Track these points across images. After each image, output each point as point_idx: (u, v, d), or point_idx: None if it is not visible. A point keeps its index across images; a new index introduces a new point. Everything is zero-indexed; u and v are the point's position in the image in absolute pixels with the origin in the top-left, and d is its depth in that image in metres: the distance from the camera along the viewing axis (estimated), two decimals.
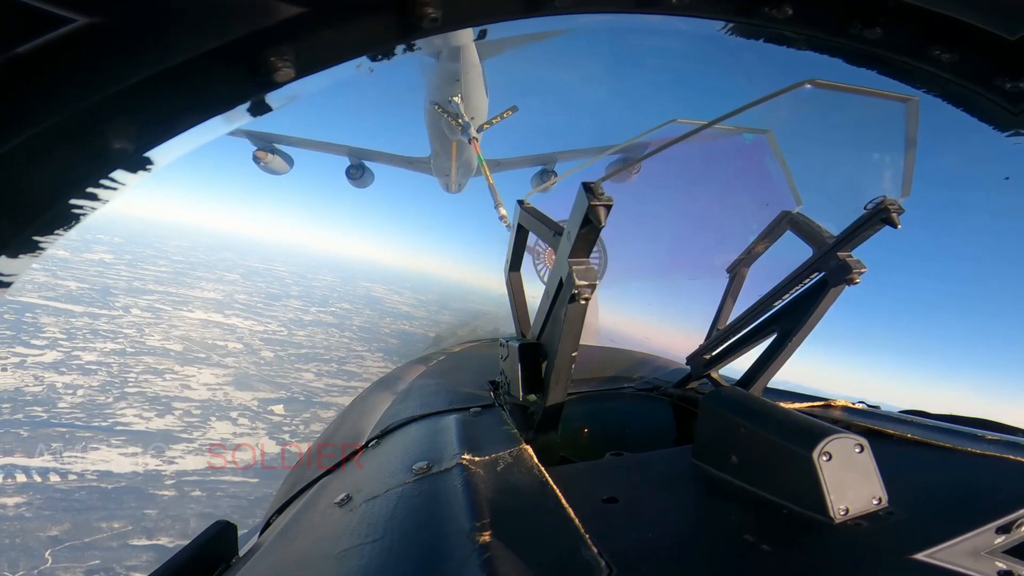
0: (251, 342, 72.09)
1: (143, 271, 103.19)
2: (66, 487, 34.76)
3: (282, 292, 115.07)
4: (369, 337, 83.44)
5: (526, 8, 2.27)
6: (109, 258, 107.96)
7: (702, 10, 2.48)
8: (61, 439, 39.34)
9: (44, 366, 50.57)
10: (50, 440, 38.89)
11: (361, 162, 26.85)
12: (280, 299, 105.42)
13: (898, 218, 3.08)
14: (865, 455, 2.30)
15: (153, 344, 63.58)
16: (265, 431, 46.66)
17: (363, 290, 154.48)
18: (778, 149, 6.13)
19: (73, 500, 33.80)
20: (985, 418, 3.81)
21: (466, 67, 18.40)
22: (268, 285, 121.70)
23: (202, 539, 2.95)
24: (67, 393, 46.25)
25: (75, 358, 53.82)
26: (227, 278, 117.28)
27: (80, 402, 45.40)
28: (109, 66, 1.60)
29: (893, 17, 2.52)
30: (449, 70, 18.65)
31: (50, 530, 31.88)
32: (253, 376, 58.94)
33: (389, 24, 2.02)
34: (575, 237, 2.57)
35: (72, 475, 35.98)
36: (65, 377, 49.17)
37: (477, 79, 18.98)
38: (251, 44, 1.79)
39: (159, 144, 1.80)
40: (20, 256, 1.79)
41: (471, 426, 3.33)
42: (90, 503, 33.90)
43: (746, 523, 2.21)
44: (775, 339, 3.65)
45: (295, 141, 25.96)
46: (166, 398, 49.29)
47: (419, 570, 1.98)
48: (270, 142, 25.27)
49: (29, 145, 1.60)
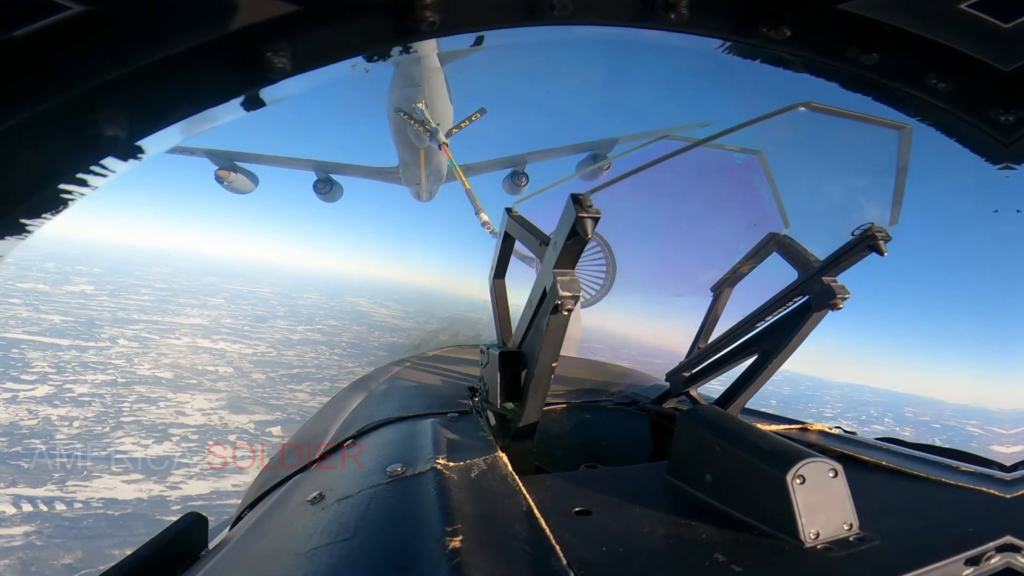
0: (241, 365, 71.44)
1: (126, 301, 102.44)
2: (73, 515, 34.21)
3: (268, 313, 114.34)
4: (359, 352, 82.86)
5: (524, 17, 2.27)
6: (90, 289, 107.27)
7: (700, 27, 2.49)
8: (63, 469, 38.70)
9: (37, 400, 50.03)
10: (52, 471, 38.40)
11: (328, 176, 26.40)
12: (266, 320, 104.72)
13: (885, 245, 3.08)
14: (839, 480, 2.30)
15: (144, 373, 62.96)
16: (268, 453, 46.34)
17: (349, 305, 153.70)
18: (769, 170, 6.15)
19: (82, 528, 33.23)
20: (960, 449, 3.82)
21: (427, 72, 18.22)
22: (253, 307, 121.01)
23: (172, 531, 2.94)
24: (63, 425, 45.72)
25: (67, 391, 53.23)
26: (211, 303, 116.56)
27: (77, 433, 44.86)
28: (104, 54, 1.60)
29: (890, 43, 2.53)
30: (410, 76, 18.40)
31: (63, 558, 31.32)
32: (247, 399, 58.38)
33: (387, 25, 2.02)
34: (561, 248, 2.56)
35: (78, 503, 35.37)
36: (59, 410, 48.62)
37: (440, 83, 18.77)
38: (248, 38, 1.79)
39: (151, 133, 1.80)
40: (6, 238, 1.78)
41: (447, 431, 3.32)
42: (99, 530, 33.34)
43: (717, 542, 2.21)
44: (756, 360, 3.66)
45: (257, 158, 25.47)
46: (162, 425, 48.79)
47: (389, 571, 1.97)
48: (231, 160, 24.72)
49: (21, 128, 1.59)
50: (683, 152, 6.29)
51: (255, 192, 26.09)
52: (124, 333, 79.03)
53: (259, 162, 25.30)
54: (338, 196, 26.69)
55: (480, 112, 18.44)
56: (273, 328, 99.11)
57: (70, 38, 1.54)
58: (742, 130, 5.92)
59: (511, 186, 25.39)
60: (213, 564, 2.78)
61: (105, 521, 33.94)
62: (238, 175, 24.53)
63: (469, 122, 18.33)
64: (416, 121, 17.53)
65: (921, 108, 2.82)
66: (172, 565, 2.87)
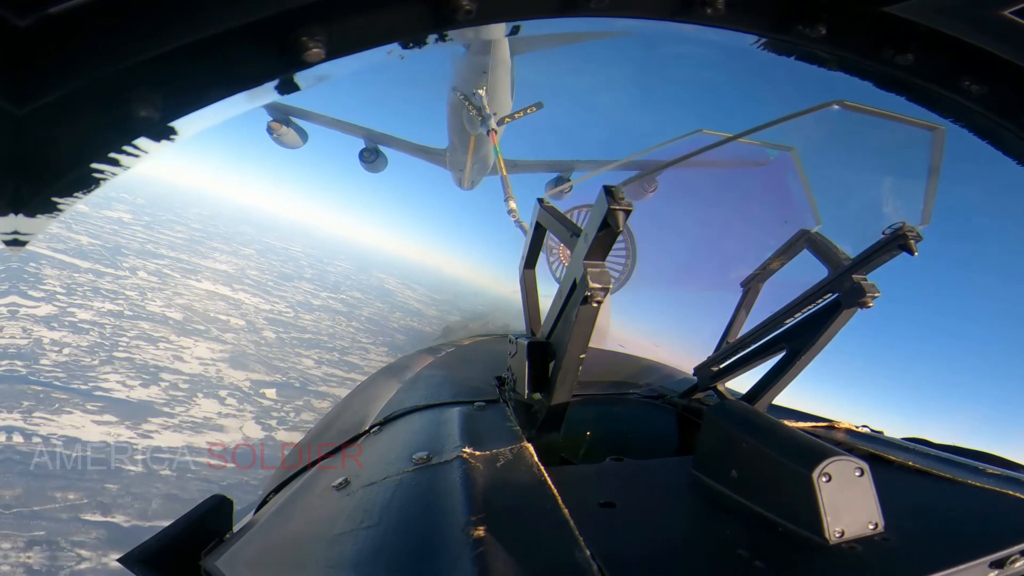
0: (255, 320, 70.91)
1: (159, 235, 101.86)
2: (27, 449, 33.45)
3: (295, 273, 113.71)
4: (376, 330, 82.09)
5: (561, 7, 2.27)
6: (128, 218, 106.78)
7: (736, 23, 2.47)
8: (35, 398, 38.02)
9: (36, 319, 49.32)
10: (22, 398, 37.78)
11: (376, 146, 26.05)
12: (292, 280, 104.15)
13: (916, 245, 3.05)
14: (865, 479, 2.29)
15: (153, 310, 62.37)
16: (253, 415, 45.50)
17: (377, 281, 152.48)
18: (801, 167, 6.11)
19: (31, 463, 32.86)
20: (987, 451, 3.79)
21: (495, 61, 18.10)
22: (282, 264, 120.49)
23: (197, 512, 2.96)
24: (52, 350, 45.07)
25: (70, 315, 52.62)
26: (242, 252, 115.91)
27: (64, 361, 44.08)
28: (139, 34, 1.61)
29: (926, 45, 2.51)
30: (477, 62, 18.30)
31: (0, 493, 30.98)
32: (251, 356, 57.84)
33: (423, 13, 2.02)
34: (592, 239, 2.56)
35: (37, 438, 34.80)
36: (54, 333, 47.94)
37: (504, 75, 18.67)
38: (283, 22, 1.79)
39: (184, 115, 1.80)
40: (38, 216, 1.80)
41: (474, 420, 3.31)
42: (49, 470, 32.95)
43: (741, 538, 2.21)
44: (784, 356, 3.63)
45: (312, 116, 25.13)
46: (155, 367, 47.99)
47: (412, 559, 1.98)
48: (286, 114, 24.42)
49: (55, 107, 1.60)
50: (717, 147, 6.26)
51: (302, 150, 26.04)
52: (146, 266, 78.42)
53: (312, 120, 25.13)
54: (382, 167, 26.56)
55: (536, 106, 18.04)
56: (296, 289, 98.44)
57: (105, 17, 1.54)
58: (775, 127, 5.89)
59: (554, 190, 24.75)
60: (237, 547, 2.81)
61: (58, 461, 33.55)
62: (289, 129, 24.48)
63: (524, 113, 17.94)
64: (472, 105, 17.29)
65: (955, 110, 2.79)
66: (197, 546, 2.90)
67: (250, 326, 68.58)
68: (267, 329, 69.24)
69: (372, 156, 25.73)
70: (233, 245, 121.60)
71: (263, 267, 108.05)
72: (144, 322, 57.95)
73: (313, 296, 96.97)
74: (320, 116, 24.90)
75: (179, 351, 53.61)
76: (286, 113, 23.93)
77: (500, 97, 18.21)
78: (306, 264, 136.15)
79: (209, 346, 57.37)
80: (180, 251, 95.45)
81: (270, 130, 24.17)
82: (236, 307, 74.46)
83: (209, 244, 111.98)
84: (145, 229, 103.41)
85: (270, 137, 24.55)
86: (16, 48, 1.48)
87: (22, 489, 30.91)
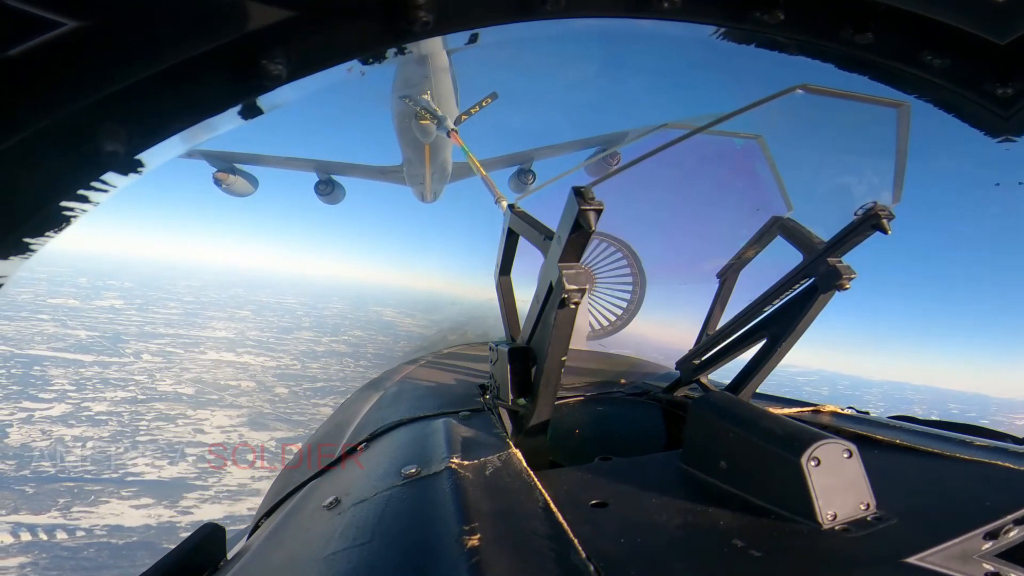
0: (264, 379, 70.42)
1: (154, 315, 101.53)
2: (74, 544, 33.00)
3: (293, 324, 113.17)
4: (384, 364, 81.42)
5: (518, 12, 2.27)
6: (119, 304, 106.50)
7: (693, 14, 2.49)
8: (69, 494, 37.36)
9: (52, 419, 48.89)
10: (57, 496, 37.23)
11: (330, 176, 25.66)
12: (292, 332, 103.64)
13: (889, 224, 3.07)
14: (854, 460, 2.30)
15: (165, 389, 61.96)
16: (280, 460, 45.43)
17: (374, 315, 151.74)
18: (769, 154, 6.15)
19: (81, 558, 31.93)
20: (973, 424, 3.82)
21: (435, 64, 17.87)
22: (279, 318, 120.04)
23: (191, 542, 2.94)
24: (76, 446, 44.53)
25: (84, 409, 52.14)
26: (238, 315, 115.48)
27: (89, 454, 43.58)
28: (99, 69, 1.60)
29: (884, 22, 2.52)
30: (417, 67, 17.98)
31: None
32: (268, 415, 57.32)
33: (381, 28, 2.02)
34: (565, 241, 2.55)
35: (80, 531, 34.07)
36: (74, 430, 47.50)
37: (445, 75, 18.35)
38: (242, 48, 1.79)
39: (150, 146, 1.80)
40: (10, 258, 1.79)
41: (460, 430, 3.31)
42: (100, 561, 32.11)
43: (735, 528, 2.21)
44: (764, 344, 3.64)
45: (256, 159, 24.70)
46: (179, 444, 47.68)
47: (407, 574, 1.98)
48: (229, 162, 23.97)
49: (19, 148, 1.59)
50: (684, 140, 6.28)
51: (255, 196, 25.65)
52: (148, 348, 78.40)
53: (258, 163, 24.78)
54: (340, 198, 26.16)
55: (491, 97, 17.08)
56: (298, 340, 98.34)
57: (65, 55, 1.54)
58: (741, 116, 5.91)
59: (517, 184, 24.76)
60: (233, 575, 2.79)
61: (107, 551, 32.89)
62: (237, 177, 24.06)
63: (479, 107, 16.99)
64: (422, 109, 16.77)
65: (918, 85, 2.82)
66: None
67: (261, 386, 68.30)
68: (278, 386, 68.93)
69: (328, 188, 25.07)
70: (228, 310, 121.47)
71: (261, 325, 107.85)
72: (159, 403, 57.65)
73: (315, 343, 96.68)
74: (266, 157, 24.25)
75: (198, 423, 53.25)
76: (229, 161, 23.38)
77: (445, 98, 17.83)
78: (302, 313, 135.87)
79: (226, 413, 57.03)
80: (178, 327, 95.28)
81: (217, 181, 23.54)
82: (244, 370, 74.16)
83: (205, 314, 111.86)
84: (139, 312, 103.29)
85: (219, 188, 24.07)
86: None
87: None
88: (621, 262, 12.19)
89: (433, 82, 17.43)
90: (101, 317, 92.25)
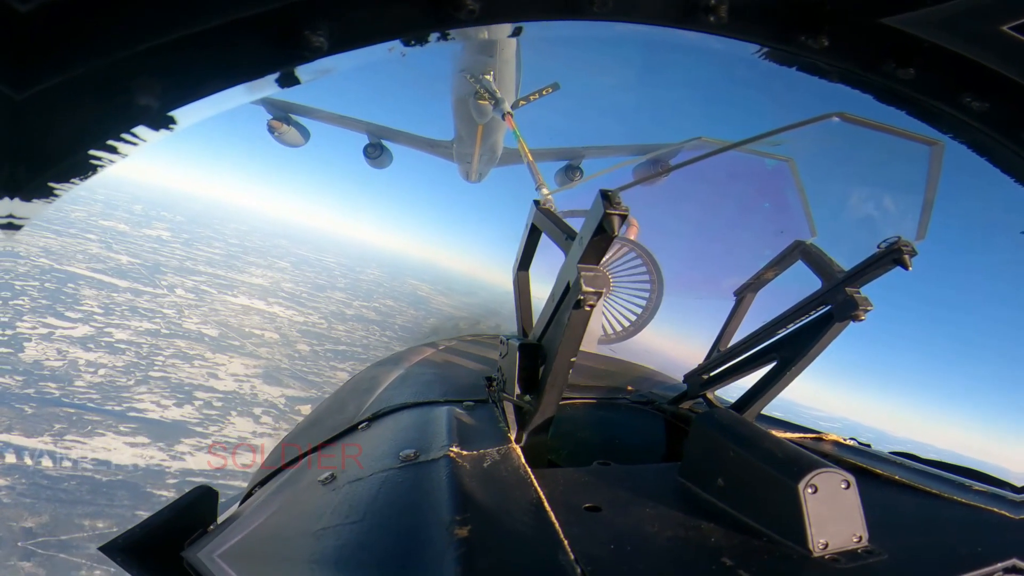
0: (289, 333, 70.59)
1: (197, 251, 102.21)
2: (56, 474, 32.83)
3: (328, 283, 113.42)
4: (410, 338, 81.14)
5: (563, 9, 2.27)
6: (167, 235, 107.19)
7: (739, 32, 2.48)
8: (67, 420, 37.31)
9: (72, 340, 48.94)
10: (54, 420, 37.09)
11: (380, 141, 25.36)
12: (325, 290, 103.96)
13: (910, 260, 3.06)
14: (851, 492, 2.30)
15: (189, 327, 62.15)
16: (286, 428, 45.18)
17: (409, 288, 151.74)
18: (799, 178, 6.14)
19: (59, 489, 31.76)
20: (973, 468, 3.80)
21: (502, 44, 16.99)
22: (316, 275, 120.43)
23: (182, 502, 2.95)
24: (88, 371, 44.64)
25: (106, 335, 52.26)
26: (277, 265, 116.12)
27: (98, 382, 43.70)
28: (143, 23, 1.61)
29: (928, 60, 2.51)
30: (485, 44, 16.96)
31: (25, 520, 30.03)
32: (285, 370, 57.39)
33: (426, 11, 2.02)
34: (587, 243, 2.57)
35: (67, 461, 34.03)
36: (90, 354, 47.60)
37: (511, 61, 17.82)
38: (286, 16, 1.79)
39: (184, 104, 1.80)
40: (33, 200, 1.80)
41: (463, 419, 3.32)
42: (78, 495, 32.06)
43: (726, 546, 2.21)
44: (775, 367, 3.63)
45: (313, 112, 24.36)
46: (189, 386, 47.82)
47: (395, 556, 1.99)
48: (286, 111, 23.61)
49: (55, 92, 1.60)
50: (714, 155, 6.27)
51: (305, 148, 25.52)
52: (184, 283, 78.60)
53: (312, 116, 24.51)
54: (387, 163, 26.09)
55: (552, 87, 17.43)
56: (330, 299, 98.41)
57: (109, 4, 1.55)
58: (773, 137, 5.90)
59: (564, 180, 24.37)
60: (220, 538, 2.81)
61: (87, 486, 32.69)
62: (290, 127, 23.90)
63: (539, 95, 17.45)
64: (482, 89, 16.53)
65: (954, 125, 2.80)
66: (180, 536, 2.89)
67: (284, 339, 68.39)
68: (301, 342, 69.04)
69: (376, 152, 25.22)
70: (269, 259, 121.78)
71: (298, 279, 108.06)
72: (180, 340, 57.73)
73: (346, 306, 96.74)
74: (321, 112, 24.30)
75: (214, 368, 53.27)
76: (285, 110, 23.32)
77: (507, 83, 17.61)
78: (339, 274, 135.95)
79: (244, 362, 57.05)
80: (217, 267, 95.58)
81: (271, 129, 23.42)
82: (271, 320, 74.36)
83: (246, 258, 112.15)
84: (184, 246, 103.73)
85: (271, 136, 24.02)
86: (17, 33, 1.48)
87: (49, 516, 30.41)
88: (640, 268, 12.06)
89: (498, 64, 17.18)
90: (146, 246, 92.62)
